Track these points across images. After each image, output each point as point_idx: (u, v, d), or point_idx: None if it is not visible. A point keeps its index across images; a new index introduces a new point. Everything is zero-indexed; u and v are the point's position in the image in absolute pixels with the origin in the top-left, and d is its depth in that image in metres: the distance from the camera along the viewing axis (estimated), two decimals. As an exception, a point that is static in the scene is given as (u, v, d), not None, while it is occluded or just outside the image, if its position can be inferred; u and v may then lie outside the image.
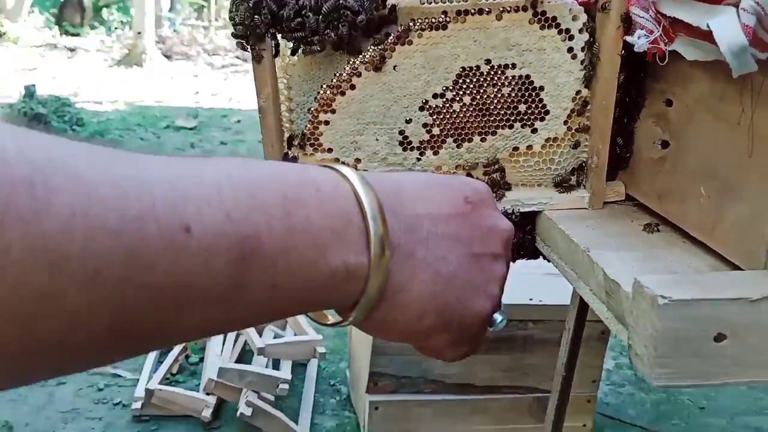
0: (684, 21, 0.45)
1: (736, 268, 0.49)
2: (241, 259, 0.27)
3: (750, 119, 0.46)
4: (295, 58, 0.57)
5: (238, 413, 1.30)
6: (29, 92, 3.42)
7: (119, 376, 1.53)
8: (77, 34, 8.71)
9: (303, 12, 0.52)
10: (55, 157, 0.24)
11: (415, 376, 1.23)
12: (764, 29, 0.38)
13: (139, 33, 6.36)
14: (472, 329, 0.37)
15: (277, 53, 0.55)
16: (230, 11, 0.53)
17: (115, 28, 9.17)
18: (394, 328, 0.34)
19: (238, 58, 7.71)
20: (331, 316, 0.35)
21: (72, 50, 7.44)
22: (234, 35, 0.53)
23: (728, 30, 0.38)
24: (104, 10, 9.97)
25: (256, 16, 0.52)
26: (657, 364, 0.42)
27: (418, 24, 0.57)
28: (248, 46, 0.53)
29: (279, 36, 0.54)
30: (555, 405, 0.96)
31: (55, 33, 8.58)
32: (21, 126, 0.25)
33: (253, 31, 0.52)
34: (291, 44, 0.54)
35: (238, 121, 4.35)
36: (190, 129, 3.99)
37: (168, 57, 7.31)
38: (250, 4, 0.51)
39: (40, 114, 3.30)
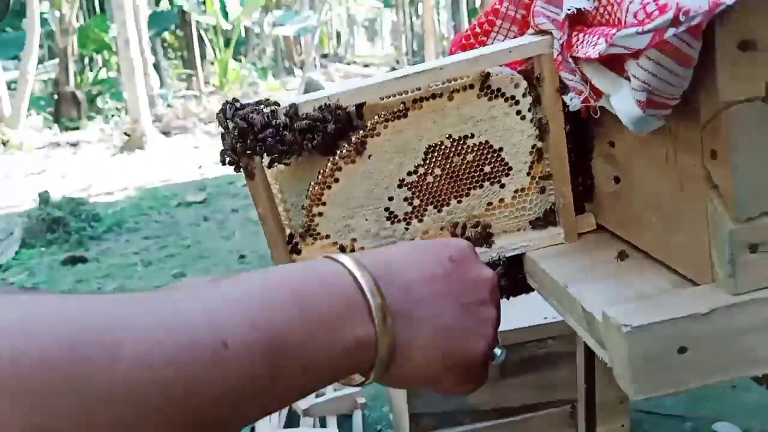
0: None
1: (695, 282, 0.56)
2: (271, 357, 0.33)
3: (674, 158, 0.54)
4: (282, 166, 0.66)
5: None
6: (43, 199, 3.57)
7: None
8: (77, 128, 8.96)
9: (281, 132, 0.60)
10: (109, 312, 0.30)
11: (453, 410, 1.29)
12: (658, 96, 0.46)
13: (136, 120, 6.57)
14: (475, 367, 0.43)
15: (262, 170, 0.64)
16: (222, 141, 0.62)
17: (112, 115, 9.43)
18: (408, 379, 0.41)
19: (233, 121, 7.91)
20: (356, 378, 0.40)
21: (74, 145, 7.67)
22: (228, 163, 0.61)
23: (626, 105, 0.46)
24: (98, 99, 10.27)
25: (239, 144, 0.60)
26: (634, 381, 0.49)
27: (382, 117, 0.65)
28: (241, 168, 0.62)
29: (264, 155, 0.62)
30: (584, 415, 1.02)
31: (55, 131, 8.83)
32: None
33: (242, 156, 0.61)
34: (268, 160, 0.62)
35: (245, 185, 4.47)
36: (200, 202, 4.12)
37: (166, 134, 7.51)
38: (236, 134, 0.60)
39: (58, 218, 3.45)
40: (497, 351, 0.47)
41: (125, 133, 7.07)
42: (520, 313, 1.23)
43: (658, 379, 0.49)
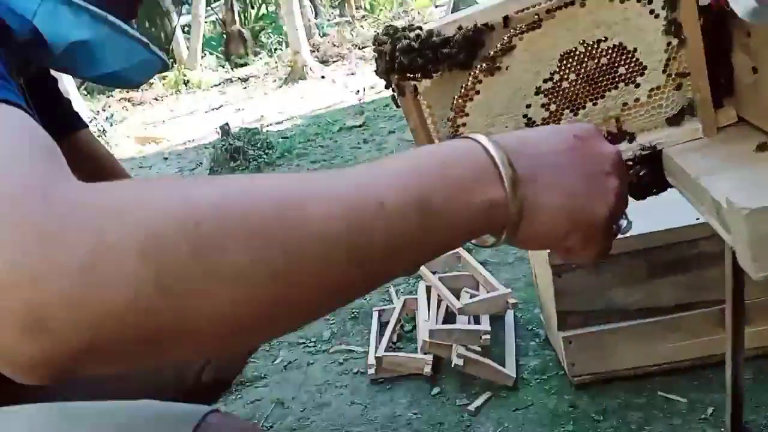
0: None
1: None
2: (421, 213, 0.39)
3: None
4: (429, 83, 0.74)
5: (452, 365, 1.52)
6: (224, 131, 3.99)
7: (353, 350, 1.83)
8: (245, 64, 9.63)
9: (424, 53, 0.69)
10: (306, 186, 0.38)
11: (600, 309, 1.34)
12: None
13: (296, 52, 6.92)
14: (599, 228, 0.47)
15: (415, 90, 0.73)
16: (376, 64, 0.72)
17: (275, 49, 9.95)
18: (537, 238, 0.45)
19: (386, 44, 8.02)
20: (489, 239, 0.46)
21: (245, 80, 8.28)
22: (385, 85, 0.72)
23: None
24: (261, 35, 10.88)
25: (389, 65, 0.70)
26: (755, 260, 0.53)
27: (517, 29, 0.71)
28: (392, 87, 0.72)
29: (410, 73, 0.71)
30: (732, 312, 1.03)
31: (227, 69, 9.57)
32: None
33: (391, 75, 0.71)
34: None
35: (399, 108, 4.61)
36: (360, 126, 4.34)
37: (324, 62, 7.83)
38: (387, 58, 0.70)
39: (238, 147, 3.85)
40: (623, 222, 0.51)
41: (289, 65, 7.50)
42: (673, 213, 1.23)
43: (777, 257, 0.53)
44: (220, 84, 8.48)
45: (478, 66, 0.72)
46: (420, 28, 0.71)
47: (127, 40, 0.68)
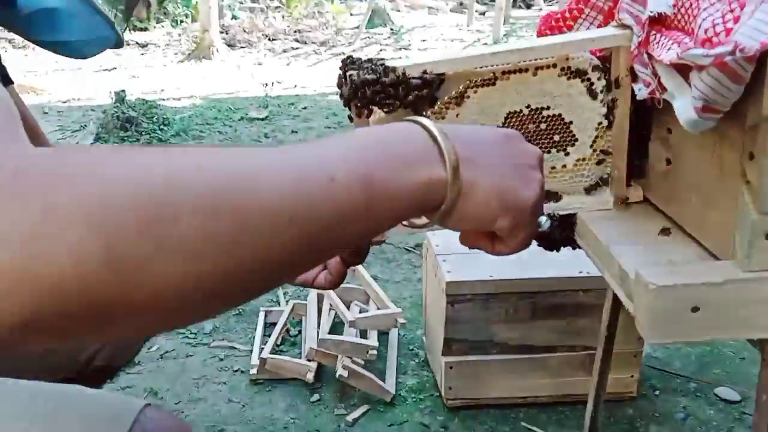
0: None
1: (717, 257, 0.67)
2: (367, 188, 0.40)
3: (720, 153, 0.64)
4: (383, 114, 0.78)
5: (336, 375, 1.55)
6: (120, 98, 3.77)
7: (234, 347, 1.81)
8: (145, 29, 9.13)
9: (387, 89, 0.73)
10: (258, 160, 0.38)
11: (483, 340, 1.44)
12: (713, 104, 0.56)
13: (206, 30, 6.68)
14: (526, 213, 0.49)
15: (369, 113, 0.76)
16: (339, 88, 0.75)
17: (180, 21, 9.54)
18: (472, 218, 0.47)
19: (296, 41, 7.96)
20: (421, 220, 0.47)
21: (144, 46, 7.85)
22: (345, 106, 0.75)
23: (686, 108, 0.56)
24: (168, 2, 10.37)
25: (353, 93, 0.73)
26: (652, 329, 0.62)
27: (473, 83, 0.77)
28: (354, 111, 0.75)
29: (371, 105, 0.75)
30: (600, 359, 1.15)
31: (125, 30, 9.00)
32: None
33: (353, 102, 0.74)
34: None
35: (305, 108, 4.60)
36: (263, 119, 4.27)
37: (231, 46, 7.62)
38: (353, 86, 0.73)
39: (131, 117, 3.66)
40: (542, 219, 0.54)
41: (194, 42, 7.22)
42: (560, 264, 1.35)
43: (670, 330, 0.61)
44: (114, 44, 7.94)
45: (432, 109, 0.77)
46: (385, 66, 0.75)
47: (94, 14, 0.66)
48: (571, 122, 0.79)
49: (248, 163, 0.37)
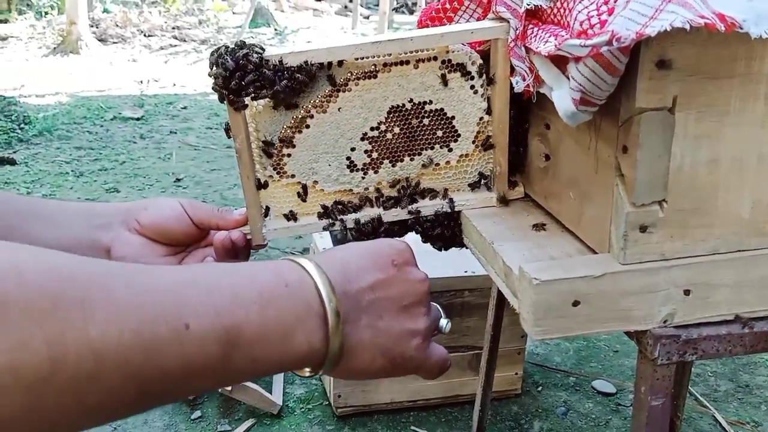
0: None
1: (595, 251, 0.68)
2: (227, 344, 0.37)
3: (595, 147, 0.65)
4: (261, 107, 0.73)
5: (219, 389, 1.47)
6: (-30, 93, 3.41)
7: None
8: (5, 21, 8.38)
9: (265, 77, 0.68)
10: (92, 277, 0.34)
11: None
12: (589, 96, 0.56)
13: (73, 22, 6.22)
14: (414, 359, 0.49)
15: (245, 106, 0.71)
16: (214, 77, 0.68)
17: (45, 13, 8.84)
18: (355, 373, 0.46)
19: (175, 38, 7.62)
20: (306, 372, 0.45)
21: (3, 39, 7.20)
22: (219, 99, 0.69)
23: (563, 100, 0.56)
24: (31, -7, 9.57)
25: (229, 81, 0.67)
26: (535, 324, 0.61)
27: (354, 75, 0.73)
28: (228, 101, 0.69)
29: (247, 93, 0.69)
30: (486, 358, 1.16)
31: (-20, 21, 8.22)
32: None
33: (228, 91, 0.68)
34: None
35: (185, 108, 4.39)
36: (138, 119, 4.02)
37: (103, 41, 7.16)
38: (228, 73, 0.67)
39: (-14, 115, 3.32)
40: (443, 323, 0.55)
41: (60, 35, 6.69)
42: (446, 265, 1.35)
43: (553, 324, 0.61)
44: (-33, 35, 7.23)
45: (312, 101, 0.73)
46: (262, 49, 0.70)
47: None
48: (453, 117, 0.77)
49: (89, 285, 0.33)
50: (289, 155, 0.74)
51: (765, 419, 1.46)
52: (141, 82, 4.67)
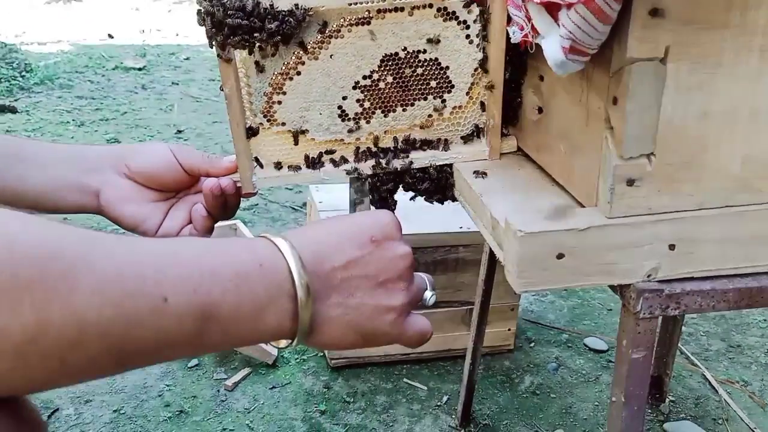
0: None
1: (583, 205, 0.68)
2: (203, 319, 0.39)
3: (586, 98, 0.64)
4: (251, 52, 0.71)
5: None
6: (-29, 39, 3.37)
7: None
8: (5, -34, 8.20)
9: (256, 20, 0.67)
10: (78, 249, 0.35)
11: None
12: (580, 45, 0.55)
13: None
14: (389, 335, 0.49)
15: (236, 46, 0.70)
16: (203, 20, 0.67)
17: (46, -41, 8.64)
18: (328, 347, 0.48)
19: (180, -13, 7.46)
20: (282, 342, 0.47)
21: (3, -15, 7.06)
22: (209, 44, 0.68)
23: (553, 49, 0.55)
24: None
25: (218, 23, 0.66)
26: (519, 277, 0.61)
27: (347, 21, 0.72)
28: (214, 45, 0.68)
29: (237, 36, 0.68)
30: (477, 313, 1.17)
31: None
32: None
33: (218, 35, 0.67)
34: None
35: (187, 59, 4.33)
36: (140, 69, 3.97)
37: (106, -11, 7.02)
38: (218, 15, 0.66)
39: (-14, 62, 3.28)
40: (427, 295, 0.55)
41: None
42: (440, 220, 1.35)
43: (538, 276, 0.61)
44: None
45: (304, 47, 0.72)
46: (252, -3, 0.68)
47: None
48: (447, 67, 0.76)
49: (74, 256, 0.35)
50: (279, 102, 0.73)
51: (755, 378, 1.48)
52: (143, 31, 4.60)
